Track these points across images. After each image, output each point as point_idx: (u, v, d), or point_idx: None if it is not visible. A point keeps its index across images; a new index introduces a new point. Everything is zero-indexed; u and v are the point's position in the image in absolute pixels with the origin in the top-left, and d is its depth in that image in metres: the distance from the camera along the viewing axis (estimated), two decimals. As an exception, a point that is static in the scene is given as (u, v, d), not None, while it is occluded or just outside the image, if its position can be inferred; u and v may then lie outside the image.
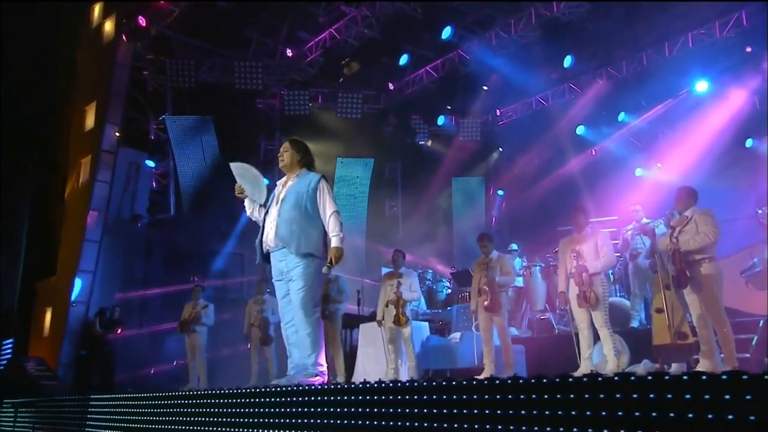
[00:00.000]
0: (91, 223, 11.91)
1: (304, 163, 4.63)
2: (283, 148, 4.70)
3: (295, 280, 4.27)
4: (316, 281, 4.36)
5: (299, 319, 4.28)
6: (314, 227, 4.35)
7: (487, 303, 6.49)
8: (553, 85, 14.25)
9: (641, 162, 15.25)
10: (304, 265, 4.25)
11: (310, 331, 4.26)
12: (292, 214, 4.33)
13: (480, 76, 12.78)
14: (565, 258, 6.01)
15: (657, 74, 12.50)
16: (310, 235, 4.30)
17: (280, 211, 4.38)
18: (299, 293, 4.24)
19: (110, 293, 12.06)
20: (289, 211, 4.35)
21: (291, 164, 4.61)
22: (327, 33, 11.94)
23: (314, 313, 4.31)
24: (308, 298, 4.26)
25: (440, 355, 7.67)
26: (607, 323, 5.70)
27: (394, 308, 7.33)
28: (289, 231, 4.30)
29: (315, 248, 4.32)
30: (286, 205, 4.39)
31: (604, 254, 5.76)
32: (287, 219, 4.33)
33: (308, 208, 4.36)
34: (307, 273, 4.26)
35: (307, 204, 4.37)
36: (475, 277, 6.84)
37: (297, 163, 4.61)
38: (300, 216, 4.31)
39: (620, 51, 12.60)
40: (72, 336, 11.54)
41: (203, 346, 9.28)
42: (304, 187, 4.44)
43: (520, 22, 11.47)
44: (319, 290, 4.43)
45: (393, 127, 15.05)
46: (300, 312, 4.24)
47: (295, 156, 4.62)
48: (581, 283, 5.72)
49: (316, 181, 4.47)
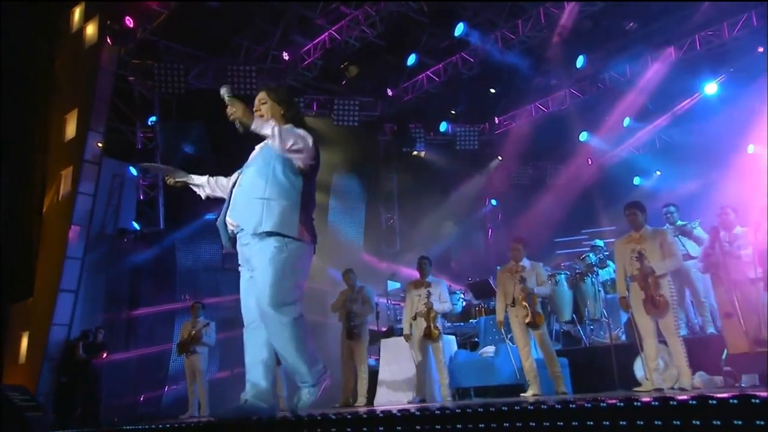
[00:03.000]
0: (72, 238, 11.03)
1: (288, 119, 3.43)
2: (258, 98, 3.49)
3: (258, 269, 3.16)
4: (291, 272, 3.17)
5: (271, 320, 3.10)
6: (285, 197, 3.18)
7: (529, 319, 5.93)
8: (554, 91, 13.91)
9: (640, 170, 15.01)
10: (270, 249, 3.12)
11: (288, 335, 3.10)
12: (253, 182, 3.25)
13: (487, 80, 12.31)
14: (623, 260, 5.47)
15: (664, 77, 12.20)
16: (274, 209, 3.14)
17: (240, 180, 3.38)
18: (264, 289, 3.10)
19: (93, 314, 11.16)
20: (250, 179, 3.28)
21: (273, 119, 3.38)
22: (326, 34, 11.36)
23: (289, 312, 3.13)
24: (276, 293, 3.09)
25: (473, 372, 7.06)
26: (678, 331, 5.15)
27: (424, 321, 6.71)
28: (246, 204, 3.22)
29: (284, 225, 3.14)
30: (249, 172, 3.34)
31: (671, 253, 5.24)
32: (245, 190, 3.27)
33: (277, 173, 3.20)
34: (276, 260, 3.10)
35: (276, 167, 3.21)
36: (502, 286, 6.29)
37: (280, 118, 3.40)
38: (264, 184, 3.19)
39: (625, 54, 12.26)
40: (51, 362, 10.60)
41: (204, 368, 8.51)
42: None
43: (528, 22, 11.05)
44: (298, 281, 3.22)
45: (390, 135, 14.51)
46: (269, 310, 3.09)
47: (276, 109, 3.43)
48: (647, 287, 5.18)
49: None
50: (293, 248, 3.17)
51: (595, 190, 15.23)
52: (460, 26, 10.64)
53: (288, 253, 3.15)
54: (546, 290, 6.25)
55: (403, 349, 7.26)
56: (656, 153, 14.51)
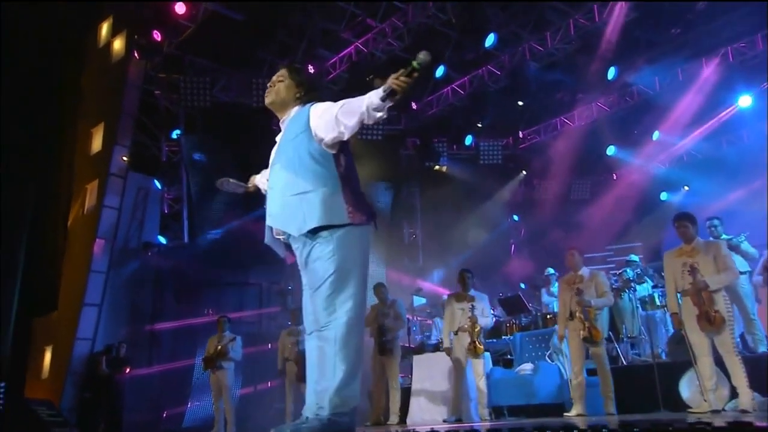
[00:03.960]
0: (97, 252, 11.00)
1: (304, 103, 2.97)
2: (278, 74, 3.07)
3: (316, 270, 2.71)
4: (352, 262, 2.71)
5: (329, 324, 2.65)
6: (321, 183, 2.74)
7: (584, 333, 5.68)
8: (579, 105, 13.71)
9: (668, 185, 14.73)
10: (320, 246, 2.70)
11: (342, 346, 2.61)
12: (283, 180, 2.84)
13: (513, 92, 12.16)
14: (673, 273, 5.24)
15: (694, 90, 11.96)
16: (313, 201, 2.71)
17: (270, 182, 2.95)
18: (323, 287, 2.68)
19: (117, 328, 11.06)
20: (279, 177, 2.86)
21: (283, 101, 3.00)
22: (352, 47, 11.31)
23: (354, 321, 2.66)
24: (337, 289, 2.66)
25: (510, 390, 6.82)
26: (736, 348, 4.90)
27: (468, 336, 6.49)
28: (282, 206, 2.81)
29: (330, 214, 2.70)
30: (275, 171, 2.91)
31: (726, 266, 4.99)
32: (277, 191, 2.86)
33: (305, 161, 2.77)
34: (336, 253, 2.68)
35: (302, 154, 2.78)
36: (562, 297, 6.04)
37: (293, 101, 2.99)
38: (294, 177, 2.78)
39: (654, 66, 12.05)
40: (75, 377, 10.51)
41: (231, 384, 8.31)
42: (297, 129, 2.85)
43: (557, 34, 10.91)
44: (357, 275, 2.73)
45: (412, 149, 14.38)
46: (323, 314, 2.66)
47: (293, 90, 2.99)
48: (701, 303, 4.94)
49: (307, 112, 2.85)
50: (350, 233, 2.73)
51: (620, 206, 15.00)
52: (490, 37, 10.52)
53: (345, 240, 2.71)
54: (605, 302, 5.93)
55: (436, 365, 7.05)
56: (684, 167, 14.25)
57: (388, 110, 2.65)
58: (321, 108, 2.83)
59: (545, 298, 9.41)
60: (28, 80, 11.64)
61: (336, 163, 2.81)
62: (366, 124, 2.73)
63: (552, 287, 9.46)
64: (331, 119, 2.73)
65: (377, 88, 2.65)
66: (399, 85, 2.53)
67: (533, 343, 7.32)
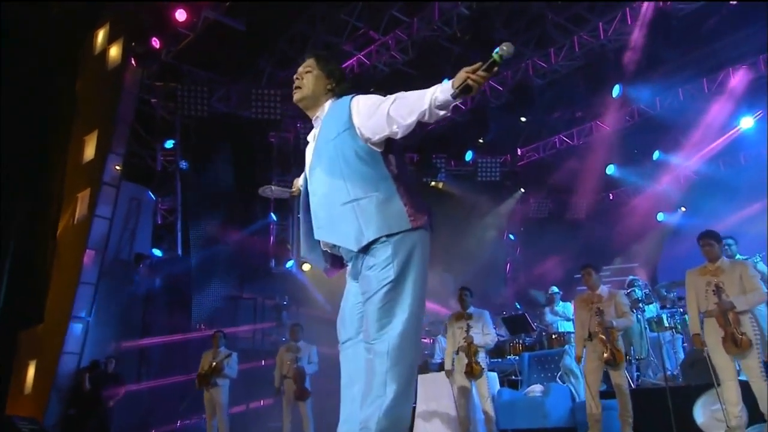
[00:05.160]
0: (87, 263, 10.64)
1: (337, 94, 2.70)
2: (303, 66, 2.72)
3: (369, 279, 2.43)
4: (411, 268, 2.41)
5: (381, 337, 2.34)
6: (374, 188, 2.45)
7: (608, 355, 5.47)
8: (578, 124, 13.66)
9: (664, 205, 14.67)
10: (379, 252, 2.41)
11: (395, 362, 2.31)
12: (327, 186, 2.53)
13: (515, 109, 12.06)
14: (696, 293, 5.07)
15: (695, 110, 11.93)
16: (368, 208, 2.43)
17: (311, 188, 2.64)
18: (377, 296, 2.39)
19: (105, 343, 10.68)
20: (322, 184, 2.56)
21: (314, 94, 2.68)
22: (354, 59, 11.16)
23: (410, 334, 2.37)
24: (393, 299, 2.37)
25: (519, 412, 6.57)
26: (763, 373, 4.71)
27: (465, 356, 6.26)
28: (330, 216, 2.52)
29: (391, 222, 2.41)
30: (316, 176, 2.60)
31: (754, 287, 4.82)
32: (322, 199, 2.56)
33: (351, 162, 2.48)
34: (394, 259, 2.39)
35: (347, 154, 2.49)
36: (579, 317, 5.84)
37: (325, 94, 2.69)
38: (343, 181, 2.48)
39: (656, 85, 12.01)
40: (60, 393, 10.09)
41: (225, 401, 8.01)
42: (337, 127, 2.55)
43: (562, 51, 10.85)
44: (421, 283, 2.45)
45: (411, 164, 14.22)
46: (375, 325, 2.36)
47: (323, 81, 2.69)
48: (727, 324, 4.76)
49: (348, 106, 2.54)
50: (403, 241, 2.42)
51: (617, 226, 14.92)
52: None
53: (405, 248, 2.41)
54: (626, 322, 5.74)
55: (442, 385, 6.80)
56: (681, 188, 14.19)
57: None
58: (365, 102, 2.52)
59: (549, 317, 9.21)
60: (21, 86, 11.38)
61: (385, 162, 2.52)
62: (425, 122, 2.42)
63: (556, 306, 9.27)
64: (381, 116, 2.43)
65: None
66: (475, 80, 2.22)
67: (542, 363, 7.11)
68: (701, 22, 10.11)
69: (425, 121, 2.39)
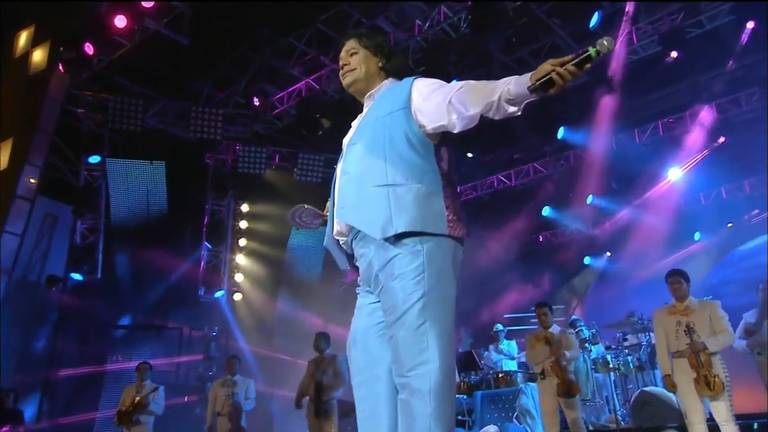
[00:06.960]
0: (-10, 284, 9.53)
1: (390, 72, 2.42)
2: (345, 49, 2.44)
3: (394, 291, 2.05)
4: (446, 284, 2.09)
5: (419, 369, 1.97)
6: (417, 178, 2.13)
7: (560, 383, 5.34)
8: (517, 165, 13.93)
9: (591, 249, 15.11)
10: (406, 260, 2.06)
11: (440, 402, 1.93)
12: (364, 164, 2.21)
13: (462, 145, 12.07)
14: (665, 333, 5.01)
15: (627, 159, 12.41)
16: (404, 198, 2.09)
17: (344, 166, 2.32)
18: (410, 315, 2.01)
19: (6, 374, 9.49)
20: (359, 161, 2.24)
21: (367, 75, 2.39)
22: (303, 83, 10.84)
23: (452, 367, 2.04)
24: (429, 320, 2.01)
25: (476, 455, 6.26)
26: (733, 416, 4.66)
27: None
28: (359, 197, 2.18)
29: (427, 220, 2.09)
30: (354, 151, 2.28)
31: (722, 328, 4.82)
32: (355, 176, 2.23)
33: (398, 146, 2.16)
34: (426, 270, 2.04)
35: (396, 136, 2.17)
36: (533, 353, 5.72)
37: (378, 73, 2.40)
38: (383, 163, 2.15)
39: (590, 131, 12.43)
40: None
41: (149, 442, 7.20)
42: (392, 105, 2.24)
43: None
44: (454, 303, 2.13)
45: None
46: (409, 353, 1.99)
47: (372, 61, 2.40)
48: (699, 366, 4.71)
49: (409, 86, 2.25)
50: (438, 250, 2.08)
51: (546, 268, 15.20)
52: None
53: (437, 258, 2.06)
54: (575, 354, 5.88)
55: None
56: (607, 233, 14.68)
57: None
58: (428, 85, 2.21)
59: (494, 356, 9.04)
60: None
61: (437, 156, 2.20)
62: (489, 118, 2.10)
63: (501, 344, 9.13)
64: (441, 102, 2.12)
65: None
66: (562, 75, 1.92)
67: (495, 402, 6.87)
68: (644, 73, 10.57)
69: (490, 116, 2.09)
